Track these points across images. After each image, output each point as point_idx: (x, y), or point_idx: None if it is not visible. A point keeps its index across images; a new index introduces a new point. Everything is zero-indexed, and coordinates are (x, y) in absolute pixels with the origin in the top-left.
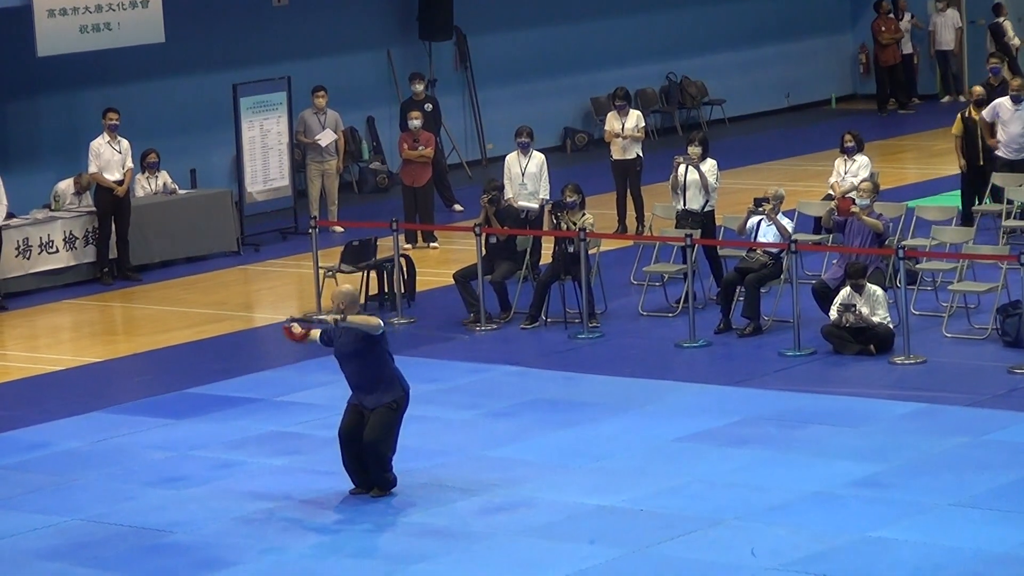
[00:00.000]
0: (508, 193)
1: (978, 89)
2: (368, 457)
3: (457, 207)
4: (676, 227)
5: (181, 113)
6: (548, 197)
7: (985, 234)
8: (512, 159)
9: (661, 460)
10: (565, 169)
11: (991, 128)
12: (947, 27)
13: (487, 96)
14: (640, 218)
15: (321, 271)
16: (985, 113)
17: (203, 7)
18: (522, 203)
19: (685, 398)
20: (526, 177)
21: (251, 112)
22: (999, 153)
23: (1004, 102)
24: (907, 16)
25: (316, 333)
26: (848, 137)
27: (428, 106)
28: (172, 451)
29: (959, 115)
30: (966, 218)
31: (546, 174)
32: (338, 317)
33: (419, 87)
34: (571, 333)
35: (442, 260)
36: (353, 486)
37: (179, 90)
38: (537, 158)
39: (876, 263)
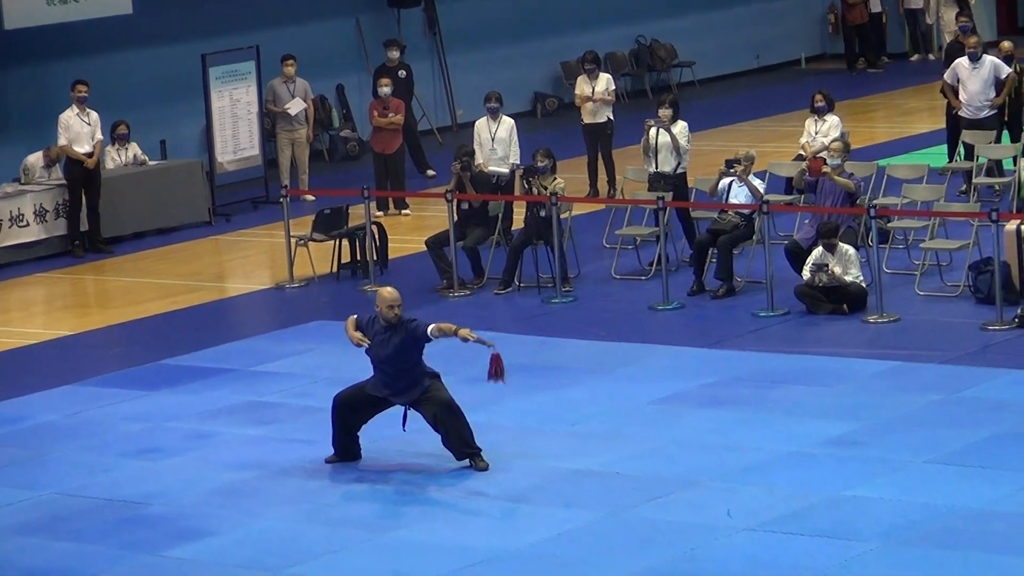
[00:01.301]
0: (479, 159)
1: (1006, 44)
2: (450, 416)
3: (430, 172)
4: (648, 190)
5: (150, 84)
6: (519, 162)
7: (955, 192)
8: (482, 124)
9: (636, 423)
10: (536, 134)
11: (953, 89)
12: None
13: (457, 62)
14: (612, 182)
15: (293, 240)
16: (947, 76)
17: None
18: (493, 168)
19: (659, 360)
20: (496, 142)
21: (220, 82)
22: (961, 114)
23: (962, 62)
24: None
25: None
26: (818, 97)
27: (402, 72)
28: (147, 422)
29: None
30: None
31: (516, 139)
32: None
33: (394, 54)
34: (544, 298)
35: (414, 227)
36: (332, 454)
37: (148, 61)
38: (507, 123)
39: (848, 222)
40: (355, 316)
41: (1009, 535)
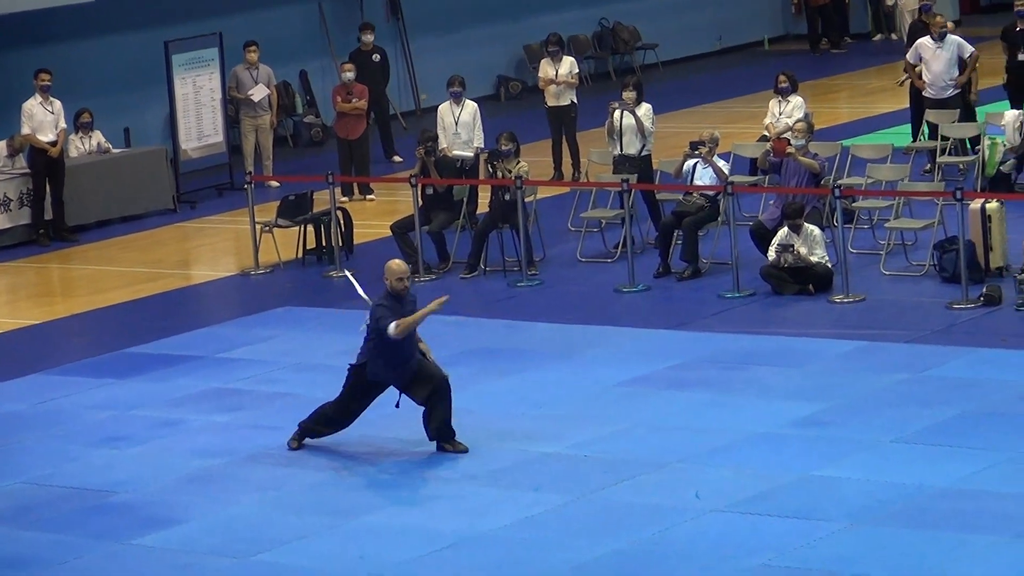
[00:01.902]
0: (442, 143)
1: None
2: (445, 392)
3: (396, 158)
4: (613, 172)
5: (113, 72)
6: (483, 146)
7: (919, 171)
8: (445, 109)
9: (604, 405)
10: (500, 117)
11: (916, 69)
12: None
13: (420, 46)
14: (576, 164)
15: (258, 226)
16: (909, 56)
17: None
18: (457, 152)
19: (626, 343)
20: (460, 126)
21: (183, 69)
22: (925, 94)
23: (925, 42)
24: None
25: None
26: (782, 78)
27: (376, 56)
28: (114, 411)
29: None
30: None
31: (480, 123)
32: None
33: (368, 37)
34: (510, 281)
35: (379, 212)
36: (294, 438)
37: (111, 49)
38: (470, 107)
39: (813, 203)
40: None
41: (977, 513)
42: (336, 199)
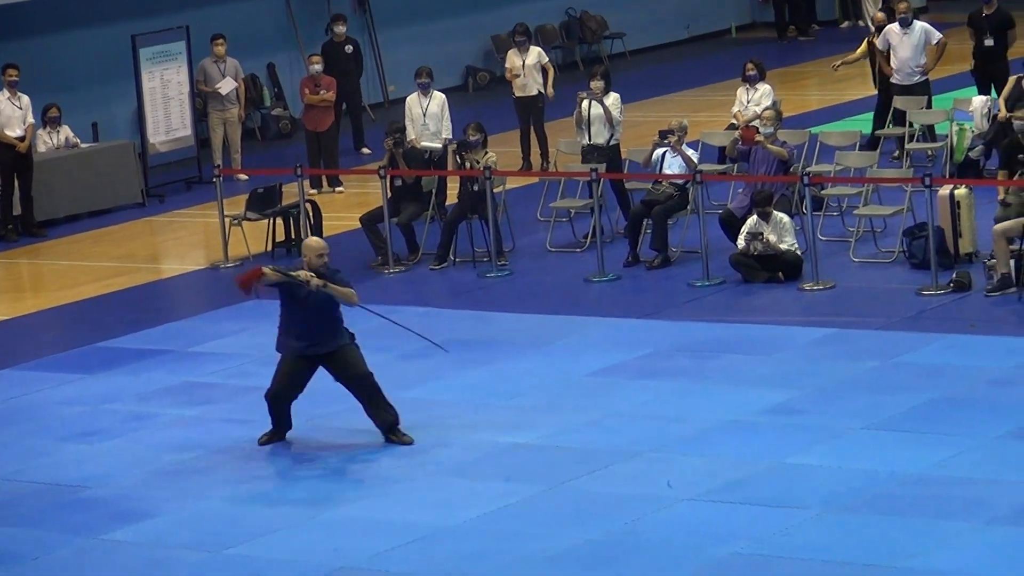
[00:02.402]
0: (411, 134)
1: (880, 15)
2: (368, 390)
3: (365, 150)
4: (582, 162)
5: (81, 66)
6: (451, 137)
7: (889, 157)
8: (413, 100)
9: (574, 395)
10: (468, 108)
11: (886, 56)
12: None
13: (387, 38)
14: (544, 154)
15: (227, 219)
16: (879, 42)
17: None
18: (425, 144)
19: (596, 332)
20: (428, 117)
21: (151, 63)
22: (893, 80)
23: (893, 28)
24: None
25: (274, 276)
26: (750, 66)
27: (349, 47)
28: (85, 405)
29: (865, 40)
30: (872, 142)
31: (447, 114)
32: (320, 284)
33: (341, 28)
34: (480, 272)
35: (348, 204)
36: (265, 434)
37: (78, 43)
38: (438, 98)
39: (782, 190)
40: (267, 267)
41: (948, 499)
42: (305, 191)
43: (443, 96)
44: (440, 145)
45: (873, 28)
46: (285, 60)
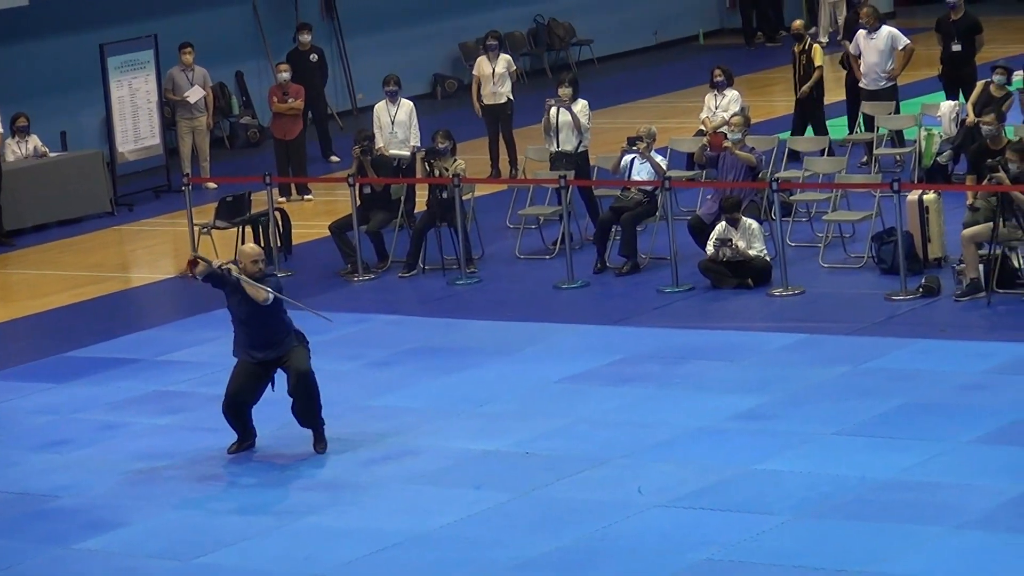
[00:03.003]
0: (379, 142)
1: (797, 23)
2: (303, 389)
3: (333, 158)
4: (550, 169)
5: (49, 75)
6: (419, 144)
7: (856, 163)
8: (381, 108)
9: (544, 402)
10: (436, 116)
11: (857, 60)
12: None
13: (355, 45)
14: (513, 161)
15: (196, 228)
16: (851, 48)
17: None
18: (394, 151)
19: (565, 339)
20: (396, 125)
21: (119, 72)
22: (861, 85)
23: (861, 33)
24: None
25: (203, 268)
26: (717, 72)
27: (314, 56)
28: (55, 415)
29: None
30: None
31: (415, 121)
32: (239, 274)
33: (306, 37)
34: (449, 279)
35: (317, 212)
36: (234, 443)
37: (46, 52)
38: (406, 106)
39: (750, 196)
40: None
41: (919, 504)
42: (274, 200)
43: (411, 104)
44: (408, 153)
45: (808, 35)
46: (253, 68)
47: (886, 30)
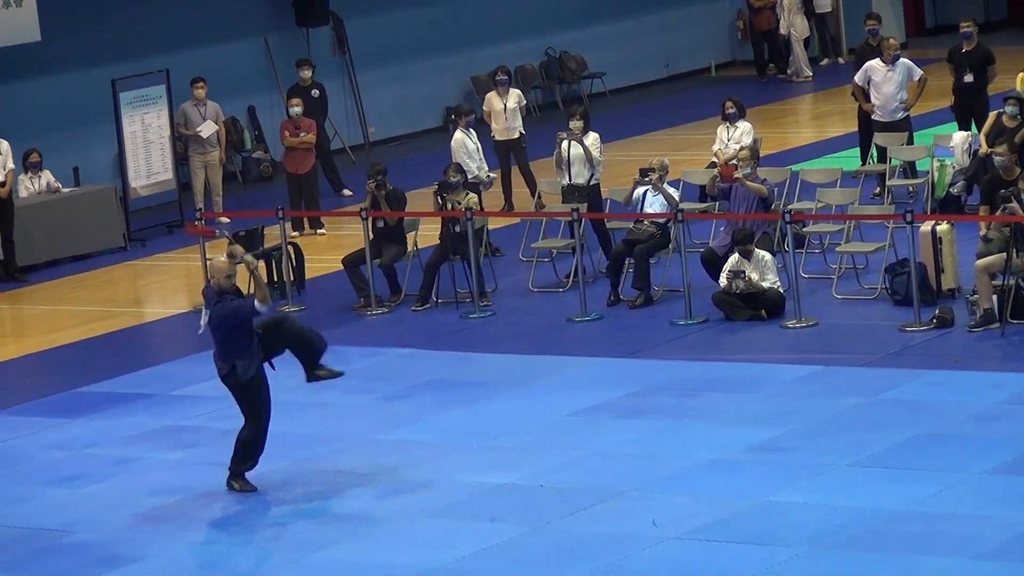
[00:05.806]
0: (471, 170)
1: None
2: (249, 430)
3: (346, 192)
4: (562, 202)
5: (61, 111)
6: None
7: (869, 195)
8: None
9: (558, 435)
10: (448, 148)
11: (864, 92)
12: None
13: (367, 79)
14: (533, 192)
15: (209, 263)
16: (857, 77)
17: (78, 3)
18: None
19: (579, 372)
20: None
21: (131, 107)
22: (875, 117)
23: (875, 64)
24: None
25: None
26: (729, 104)
27: (315, 92)
28: (68, 450)
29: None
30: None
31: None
32: (253, 264)
33: (306, 73)
34: (462, 313)
35: (330, 246)
36: (236, 483)
37: (58, 88)
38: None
39: (763, 228)
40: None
41: (932, 536)
42: (287, 234)
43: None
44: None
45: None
46: (265, 103)
47: (902, 61)
